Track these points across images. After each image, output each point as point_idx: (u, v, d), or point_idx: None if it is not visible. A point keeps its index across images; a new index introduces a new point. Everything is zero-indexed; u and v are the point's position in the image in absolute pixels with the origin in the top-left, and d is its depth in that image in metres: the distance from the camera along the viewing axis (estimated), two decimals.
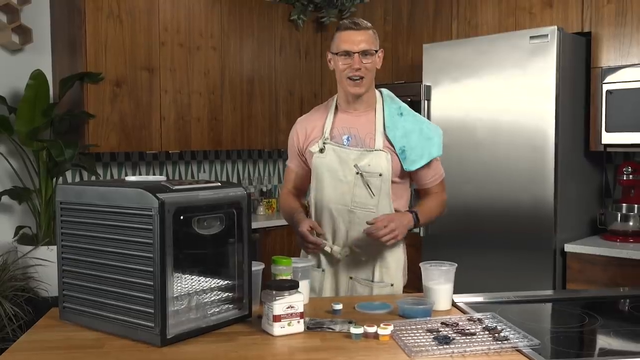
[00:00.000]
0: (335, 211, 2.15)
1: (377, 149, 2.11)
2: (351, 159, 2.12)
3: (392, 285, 2.18)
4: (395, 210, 2.15)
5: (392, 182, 2.13)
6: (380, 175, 2.10)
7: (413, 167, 2.14)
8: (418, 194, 2.31)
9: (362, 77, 2.10)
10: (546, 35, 3.12)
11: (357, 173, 2.10)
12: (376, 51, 2.12)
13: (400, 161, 2.12)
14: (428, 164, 2.17)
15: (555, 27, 3.12)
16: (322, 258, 2.21)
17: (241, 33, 4.27)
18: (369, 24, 2.15)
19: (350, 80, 2.11)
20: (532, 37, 3.17)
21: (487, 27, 3.77)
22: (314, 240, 2.07)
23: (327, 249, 2.17)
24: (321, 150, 2.15)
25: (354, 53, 2.08)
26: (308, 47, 4.70)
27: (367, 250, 2.16)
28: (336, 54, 2.12)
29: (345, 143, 2.14)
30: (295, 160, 2.30)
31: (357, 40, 2.08)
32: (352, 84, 2.11)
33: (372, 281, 2.17)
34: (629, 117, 3.14)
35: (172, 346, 1.53)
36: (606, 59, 3.31)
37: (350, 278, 2.20)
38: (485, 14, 3.79)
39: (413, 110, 2.23)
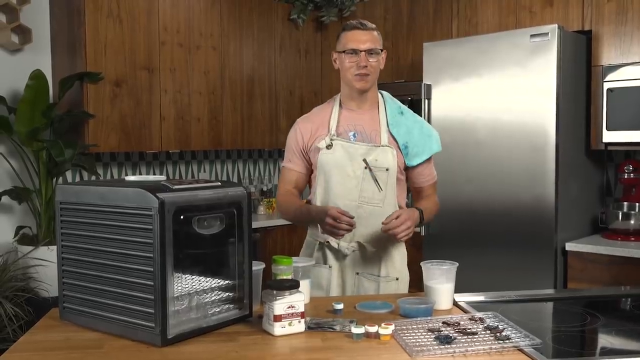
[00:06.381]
0: (342, 207, 2.14)
1: (383, 144, 2.16)
2: (359, 154, 2.15)
3: (397, 279, 2.22)
4: (398, 206, 2.19)
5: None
6: (387, 170, 2.15)
7: (415, 162, 2.21)
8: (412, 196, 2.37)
9: (367, 74, 2.16)
10: (547, 34, 3.12)
11: (366, 167, 2.14)
12: (381, 50, 2.19)
13: (403, 157, 2.19)
14: (427, 162, 2.25)
15: (556, 25, 3.11)
16: (329, 254, 2.23)
17: (241, 32, 4.27)
18: (374, 25, 2.22)
19: (357, 77, 2.16)
20: (532, 36, 3.16)
21: (488, 26, 3.76)
22: (349, 221, 2.02)
23: (334, 244, 2.19)
24: (328, 147, 2.17)
25: (361, 51, 2.14)
26: (308, 47, 4.69)
27: (373, 245, 2.19)
28: (343, 52, 2.17)
29: (351, 139, 2.19)
30: (296, 159, 2.28)
31: (363, 39, 2.15)
32: (358, 79, 2.16)
33: (379, 276, 2.21)
34: (630, 115, 3.13)
35: (172, 346, 1.52)
36: (607, 57, 3.30)
37: (357, 274, 2.22)
38: (485, 13, 3.78)
39: (411, 110, 2.31)
